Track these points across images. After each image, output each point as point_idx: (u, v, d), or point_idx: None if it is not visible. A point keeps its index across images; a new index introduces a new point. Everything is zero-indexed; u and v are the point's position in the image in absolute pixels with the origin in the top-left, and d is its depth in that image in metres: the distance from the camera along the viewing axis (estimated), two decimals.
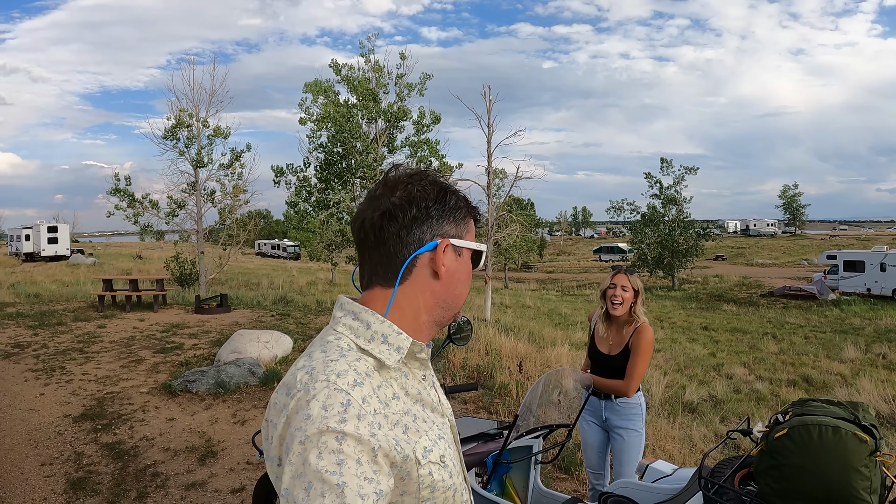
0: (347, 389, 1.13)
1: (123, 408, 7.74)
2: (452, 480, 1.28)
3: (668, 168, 46.66)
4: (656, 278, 48.24)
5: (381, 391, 1.20)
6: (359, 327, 1.27)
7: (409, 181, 1.33)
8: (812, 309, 31.81)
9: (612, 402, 4.22)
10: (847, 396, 11.76)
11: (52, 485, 5.54)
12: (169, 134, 21.05)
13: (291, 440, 1.08)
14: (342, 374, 1.15)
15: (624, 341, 4.21)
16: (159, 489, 5.44)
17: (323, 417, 1.08)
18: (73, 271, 35.57)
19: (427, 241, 1.31)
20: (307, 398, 1.11)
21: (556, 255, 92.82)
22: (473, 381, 4.45)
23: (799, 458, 2.18)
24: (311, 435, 1.06)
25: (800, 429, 2.20)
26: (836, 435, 2.12)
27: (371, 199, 1.34)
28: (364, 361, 1.21)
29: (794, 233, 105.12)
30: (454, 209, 1.35)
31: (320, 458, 1.04)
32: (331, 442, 1.06)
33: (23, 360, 10.27)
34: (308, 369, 1.17)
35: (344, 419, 1.08)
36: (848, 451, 2.09)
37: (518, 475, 3.76)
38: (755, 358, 17.56)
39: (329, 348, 1.23)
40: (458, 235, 1.35)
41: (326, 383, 1.12)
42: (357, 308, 1.30)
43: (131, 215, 21.37)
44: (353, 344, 1.25)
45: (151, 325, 13.94)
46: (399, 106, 21.64)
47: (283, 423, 1.12)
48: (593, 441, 4.39)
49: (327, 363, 1.17)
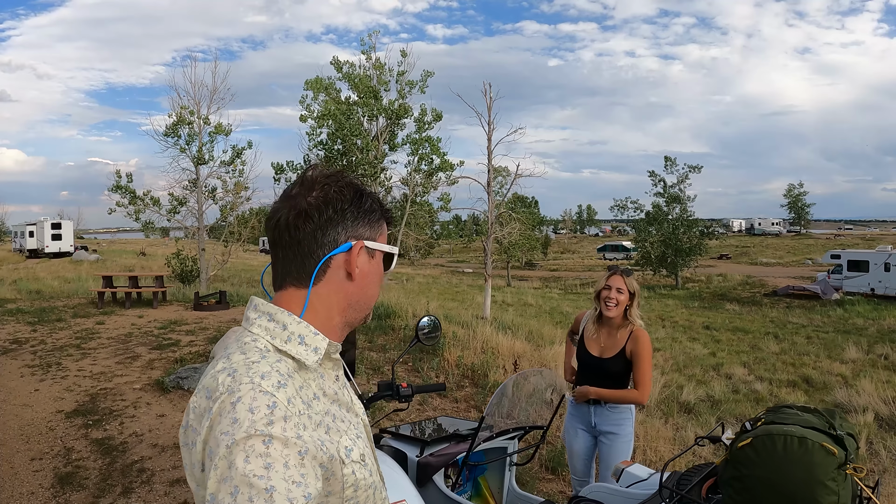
0: (272, 391, 1.11)
1: (115, 404, 7.76)
2: (373, 478, 1.29)
3: (672, 166, 46.60)
4: (660, 277, 48.17)
5: (303, 392, 1.19)
6: (275, 328, 1.26)
7: (326, 182, 1.32)
8: (815, 309, 31.71)
9: (601, 408, 4.12)
10: (847, 398, 11.74)
11: (40, 479, 5.57)
12: (170, 131, 21.07)
13: (217, 444, 1.06)
14: (266, 376, 1.13)
15: (618, 345, 4.10)
16: (144, 484, 5.45)
17: (251, 420, 1.06)
18: (75, 268, 35.68)
19: (342, 242, 1.31)
20: (231, 400, 1.09)
21: (560, 253, 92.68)
22: (442, 383, 4.38)
23: (762, 469, 2.08)
24: (239, 439, 1.04)
25: (764, 439, 2.10)
26: (802, 446, 2.02)
27: (287, 198, 1.33)
28: (284, 363, 1.20)
29: (799, 232, 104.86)
30: (369, 212, 1.35)
31: (247, 462, 1.02)
32: (258, 445, 1.04)
33: (20, 356, 10.30)
34: (230, 371, 1.15)
35: (271, 422, 1.07)
36: (814, 463, 1.99)
37: (494, 476, 3.74)
38: (756, 358, 17.52)
39: (248, 350, 1.21)
40: (372, 238, 1.36)
41: (251, 385, 1.11)
42: (272, 309, 1.28)
43: (132, 212, 21.40)
44: (270, 345, 1.23)
45: (150, 321, 13.96)
46: (400, 103, 21.59)
47: (206, 427, 1.09)
48: (580, 448, 4.27)
49: (249, 365, 1.15)
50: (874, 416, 10.48)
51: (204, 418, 1.11)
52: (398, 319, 13.79)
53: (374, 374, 9.49)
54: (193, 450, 1.13)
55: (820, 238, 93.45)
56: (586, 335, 4.27)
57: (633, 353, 4.03)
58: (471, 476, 3.64)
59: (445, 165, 21.77)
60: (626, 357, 4.05)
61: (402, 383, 3.12)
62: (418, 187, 22.21)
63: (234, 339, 1.28)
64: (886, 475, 7.14)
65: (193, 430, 1.14)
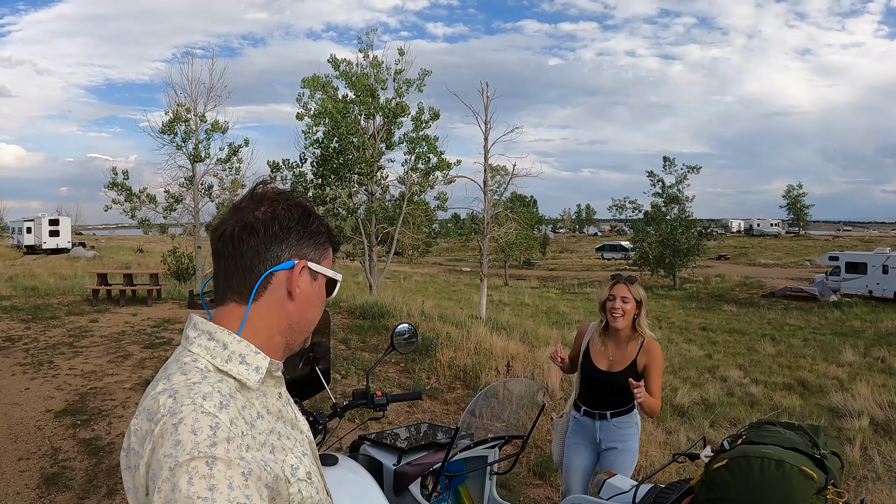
0: (215, 412, 1.11)
1: (105, 403, 7.73)
2: (319, 497, 1.29)
3: (671, 167, 46.62)
4: (657, 277, 48.19)
5: (245, 412, 1.19)
6: (215, 347, 1.25)
7: (275, 198, 1.32)
8: (813, 310, 31.72)
9: (608, 422, 3.95)
10: (842, 401, 11.70)
11: (26, 479, 5.55)
12: (166, 128, 21.06)
13: (160, 467, 1.05)
14: (208, 397, 1.13)
15: (628, 358, 3.91)
16: None
17: (193, 442, 1.05)
18: (72, 265, 35.66)
19: (284, 259, 1.30)
20: (173, 422, 1.08)
21: (558, 252, 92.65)
22: (418, 391, 4.32)
23: (737, 492, 2.01)
24: (182, 461, 1.03)
25: (740, 461, 2.04)
26: (780, 470, 1.95)
27: (235, 210, 1.32)
28: (226, 383, 1.20)
29: (798, 233, 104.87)
30: (315, 233, 1.35)
31: (191, 484, 1.02)
32: (201, 467, 1.03)
33: (12, 354, 10.26)
34: (171, 392, 1.13)
35: (214, 443, 1.06)
36: (791, 488, 1.93)
37: (474, 485, 3.70)
38: (752, 360, 17.51)
39: (188, 370, 1.20)
40: (317, 260, 1.35)
41: (193, 406, 1.10)
42: (211, 328, 1.27)
43: (128, 210, 21.38)
44: (211, 365, 1.22)
45: (143, 319, 13.92)
46: (397, 102, 21.58)
47: (148, 450, 1.08)
48: (580, 464, 4.08)
49: (191, 385, 1.15)
50: (869, 420, 10.43)
51: (146, 441, 1.09)
52: (392, 319, 13.75)
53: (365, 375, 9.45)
54: (136, 473, 1.11)
55: (819, 239, 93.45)
56: (592, 349, 4.08)
57: (647, 366, 3.86)
58: (451, 485, 3.61)
59: (442, 164, 21.77)
60: (636, 370, 3.88)
61: (377, 391, 3.08)
62: (415, 186, 22.22)
63: (173, 359, 1.27)
64: (880, 483, 7.09)
65: (136, 453, 1.12)
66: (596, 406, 4.00)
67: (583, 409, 4.07)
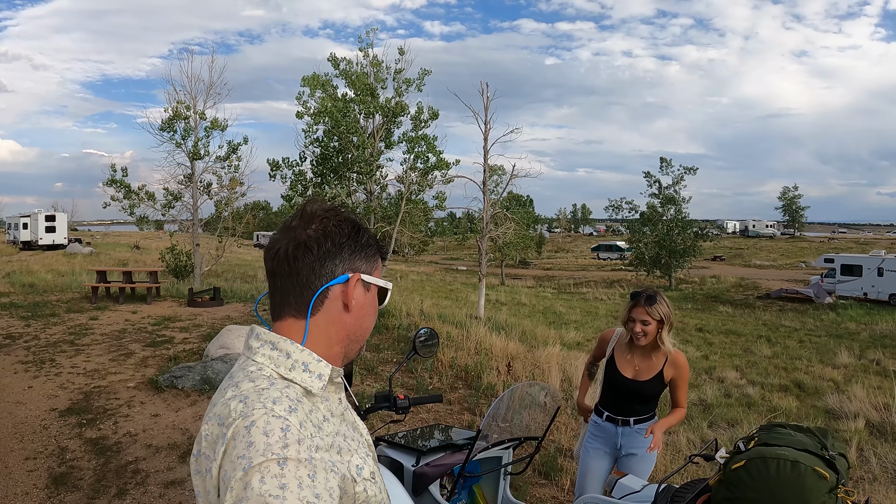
0: (285, 415, 1.14)
1: (109, 402, 7.75)
2: (381, 495, 1.34)
3: (667, 168, 46.73)
4: (653, 278, 48.29)
5: (312, 416, 1.22)
6: (278, 357, 1.29)
7: (325, 216, 1.36)
8: (808, 312, 31.83)
9: (630, 429, 3.97)
10: (838, 403, 11.76)
11: (34, 479, 5.56)
12: (166, 125, 21.07)
13: (233, 468, 1.08)
14: (278, 401, 1.16)
15: (654, 368, 3.92)
16: (139, 486, 5.45)
17: (266, 444, 1.09)
18: (69, 261, 35.59)
19: (339, 274, 1.35)
20: (245, 425, 1.12)
21: (554, 252, 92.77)
22: (439, 394, 4.36)
23: (755, 492, 2.08)
24: (256, 463, 1.07)
25: (757, 462, 2.11)
26: (795, 470, 2.02)
27: (286, 230, 1.37)
28: (293, 388, 1.24)
29: (794, 235, 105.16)
30: (366, 246, 1.39)
31: (263, 483, 1.05)
32: (273, 467, 1.07)
33: (13, 352, 10.28)
34: (241, 398, 1.18)
35: (286, 444, 1.10)
36: (805, 488, 2.00)
37: (488, 485, 3.76)
38: (748, 361, 17.57)
39: (255, 378, 1.24)
40: (368, 271, 1.40)
41: (264, 410, 1.14)
42: (274, 338, 1.31)
43: (127, 207, 21.39)
44: (276, 373, 1.27)
45: (144, 317, 13.94)
46: (397, 101, 21.60)
47: (220, 453, 1.12)
48: (597, 468, 4.09)
49: (260, 391, 1.19)
50: (865, 422, 10.49)
51: (218, 444, 1.14)
52: (392, 319, 13.81)
53: (369, 374, 9.50)
54: (208, 476, 1.15)
55: (814, 241, 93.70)
56: (618, 356, 4.07)
57: (674, 378, 3.90)
58: (466, 485, 3.66)
59: (441, 164, 21.78)
60: (663, 381, 3.91)
61: (399, 394, 3.13)
62: (414, 185, 22.21)
63: (238, 368, 1.32)
64: (876, 484, 7.15)
65: (207, 457, 1.16)
66: (619, 413, 4.01)
67: (605, 415, 4.08)
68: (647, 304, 3.82)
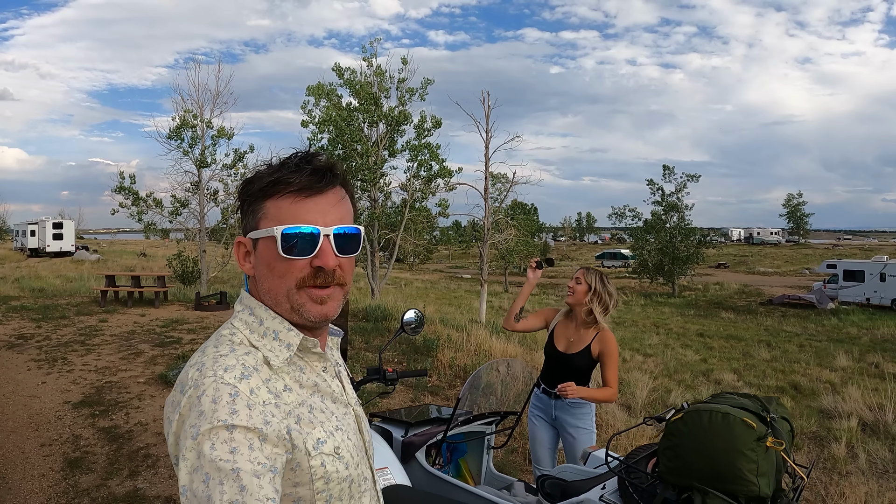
0: (234, 382, 1.15)
1: (121, 396, 8.05)
2: (349, 472, 1.29)
3: (670, 175, 46.87)
4: (657, 285, 48.39)
5: (270, 384, 1.22)
6: (253, 322, 1.30)
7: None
8: (810, 318, 31.90)
9: (562, 402, 4.22)
10: (833, 404, 11.95)
11: (50, 463, 5.87)
12: (173, 134, 21.45)
13: (185, 437, 1.11)
14: (229, 369, 1.17)
15: (584, 341, 4.20)
16: (150, 468, 5.76)
17: (213, 411, 1.10)
18: (77, 267, 35.99)
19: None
20: (197, 394, 1.13)
21: (559, 260, 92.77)
22: (424, 369, 4.67)
23: (689, 439, 2.36)
24: (204, 430, 1.09)
25: (692, 414, 2.40)
26: (725, 420, 2.30)
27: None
28: (253, 356, 1.24)
29: (798, 242, 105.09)
30: (243, 199, 1.34)
31: (213, 449, 1.07)
32: (222, 433, 1.09)
33: (26, 351, 10.59)
34: (199, 366, 1.19)
35: (234, 410, 1.11)
36: (734, 435, 2.27)
37: (473, 460, 4.05)
38: (746, 364, 17.73)
39: (221, 343, 1.26)
40: (252, 227, 1.32)
41: (214, 378, 1.15)
42: (254, 303, 1.33)
43: (135, 213, 21.74)
44: (247, 339, 1.27)
45: (152, 320, 14.25)
46: (400, 110, 21.92)
47: (177, 420, 1.14)
48: (543, 437, 4.38)
49: (217, 358, 1.20)
50: (858, 421, 10.69)
51: (175, 411, 1.15)
52: (394, 322, 14.08)
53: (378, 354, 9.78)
54: (170, 440, 1.16)
55: (818, 248, 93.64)
56: (556, 331, 4.39)
57: (601, 354, 4.14)
58: (452, 458, 3.96)
59: (444, 172, 22.10)
60: (591, 356, 4.17)
61: (388, 368, 3.44)
62: (417, 193, 22.51)
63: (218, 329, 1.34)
64: (862, 477, 7.35)
65: (168, 420, 1.17)
66: (553, 385, 4.25)
67: (542, 387, 4.39)
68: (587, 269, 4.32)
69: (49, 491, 5.31)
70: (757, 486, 2.24)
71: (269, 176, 1.29)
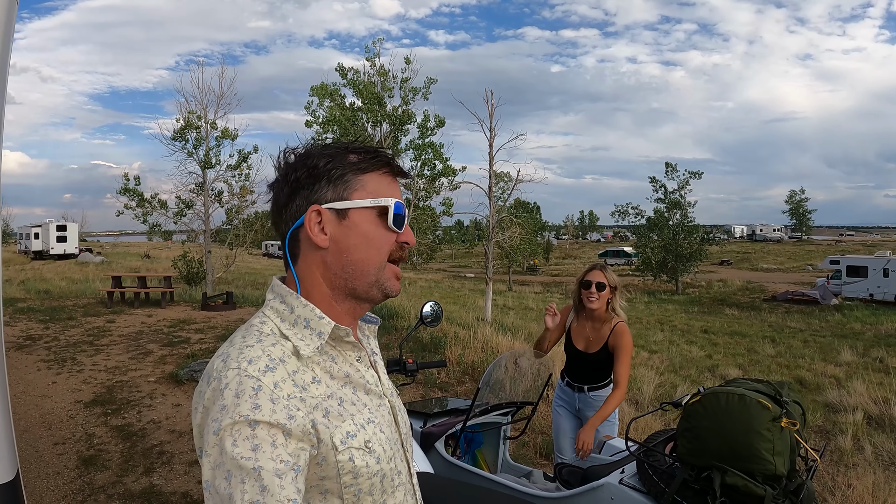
0: (258, 375, 1.12)
1: (132, 395, 8.12)
2: (380, 466, 1.26)
3: (672, 173, 46.85)
4: (660, 282, 48.38)
5: (297, 376, 1.19)
6: (284, 310, 1.28)
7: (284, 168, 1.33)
8: (814, 314, 31.87)
9: (585, 395, 4.30)
10: (838, 398, 11.97)
11: (64, 461, 5.93)
12: (178, 135, 21.51)
13: (208, 432, 1.10)
14: (254, 361, 1.15)
15: (602, 339, 4.20)
16: (165, 465, 5.82)
17: (235, 405, 1.09)
18: (81, 269, 36.05)
19: (301, 213, 1.29)
20: (220, 387, 1.12)
21: (562, 258, 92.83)
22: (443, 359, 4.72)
23: (707, 420, 2.42)
24: (226, 425, 1.07)
25: (709, 396, 2.46)
26: (742, 402, 2.37)
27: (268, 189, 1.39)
28: (280, 346, 1.21)
29: (801, 238, 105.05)
30: (326, 171, 1.29)
31: (235, 446, 1.06)
32: (244, 429, 1.07)
33: (35, 352, 10.66)
34: (224, 356, 1.18)
35: (256, 405, 1.09)
36: (750, 415, 2.33)
37: (490, 450, 4.11)
38: (751, 360, 17.75)
39: (249, 333, 1.23)
40: (340, 197, 1.29)
41: (237, 371, 1.12)
42: (284, 291, 1.30)
43: (140, 215, 21.81)
44: (277, 329, 1.25)
45: (159, 320, 14.32)
46: (404, 109, 21.97)
47: (201, 412, 1.13)
48: (566, 428, 4.43)
49: (242, 349, 1.17)
50: (864, 414, 10.72)
51: (199, 403, 1.15)
52: (401, 320, 14.17)
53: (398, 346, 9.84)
54: (194, 433, 1.17)
55: (821, 244, 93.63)
56: (573, 329, 4.40)
57: (615, 348, 4.15)
58: (469, 449, 4.01)
59: (448, 171, 22.17)
60: (609, 351, 4.20)
61: (409, 359, 3.50)
62: (421, 192, 22.54)
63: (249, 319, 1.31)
64: (868, 468, 7.38)
65: (196, 411, 1.16)
66: (576, 379, 4.37)
67: (566, 380, 4.46)
68: (604, 268, 4.28)
69: (65, 489, 5.37)
70: (773, 465, 2.29)
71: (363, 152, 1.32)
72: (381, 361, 1.47)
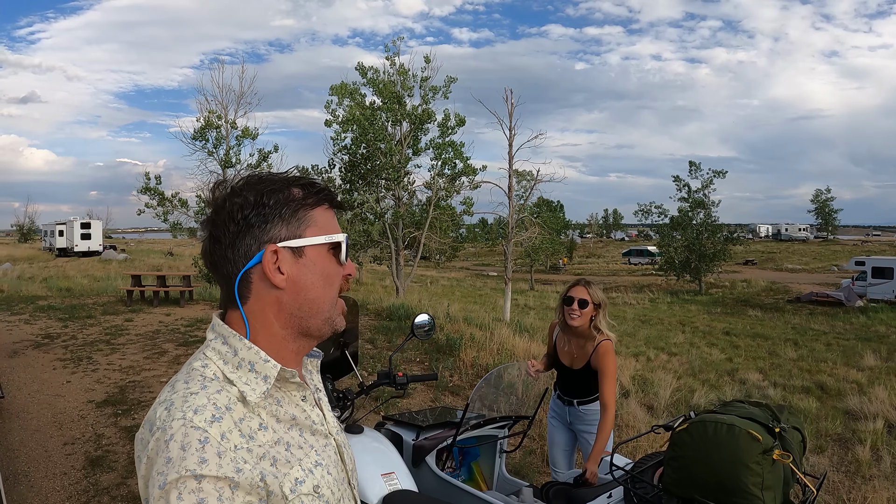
0: (204, 427, 1.09)
1: (144, 395, 8.15)
2: None
3: (696, 171, 46.50)
4: (683, 282, 48.06)
5: (244, 424, 1.15)
6: (227, 352, 1.22)
7: (227, 196, 1.26)
8: (838, 316, 31.50)
9: (575, 409, 4.23)
10: (859, 405, 11.79)
11: (72, 462, 5.97)
12: (198, 134, 21.61)
13: (153, 485, 1.06)
14: (199, 410, 1.11)
15: (586, 356, 4.11)
16: None
17: (181, 459, 1.05)
18: (104, 267, 36.43)
19: (254, 253, 1.23)
20: (165, 438, 1.08)
21: (585, 257, 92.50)
22: (434, 372, 4.66)
23: (694, 450, 2.35)
24: (171, 480, 1.04)
25: (698, 424, 2.38)
26: (730, 432, 2.28)
27: (203, 226, 1.30)
28: (226, 393, 1.17)
29: (827, 238, 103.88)
30: (277, 207, 1.25)
31: (181, 499, 1.04)
32: (190, 483, 1.05)
33: (52, 350, 10.74)
34: (167, 404, 1.13)
35: (203, 459, 1.06)
36: (738, 447, 2.25)
37: (486, 463, 4.06)
38: (772, 364, 17.55)
39: (192, 378, 1.19)
40: (294, 235, 1.25)
41: (182, 422, 1.09)
42: (226, 331, 1.24)
43: (161, 213, 21.94)
44: (221, 372, 1.20)
45: (177, 319, 14.38)
46: (424, 108, 21.97)
47: (145, 462, 1.10)
48: (560, 441, 4.40)
49: (186, 397, 1.13)
50: (884, 422, 10.55)
51: (144, 452, 1.11)
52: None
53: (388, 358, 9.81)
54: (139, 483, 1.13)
55: (847, 244, 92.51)
56: (559, 345, 4.34)
57: (598, 368, 4.03)
58: (464, 462, 3.96)
59: (468, 170, 22.16)
60: (592, 369, 4.09)
61: (399, 372, 3.45)
62: (441, 191, 22.55)
63: (191, 359, 1.27)
64: (886, 482, 7.24)
65: (138, 458, 1.13)
66: (566, 393, 4.32)
67: (557, 394, 4.42)
68: (587, 284, 4.17)
69: (70, 489, 5.41)
70: (762, 500, 2.22)
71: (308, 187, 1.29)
72: (326, 398, 1.44)
